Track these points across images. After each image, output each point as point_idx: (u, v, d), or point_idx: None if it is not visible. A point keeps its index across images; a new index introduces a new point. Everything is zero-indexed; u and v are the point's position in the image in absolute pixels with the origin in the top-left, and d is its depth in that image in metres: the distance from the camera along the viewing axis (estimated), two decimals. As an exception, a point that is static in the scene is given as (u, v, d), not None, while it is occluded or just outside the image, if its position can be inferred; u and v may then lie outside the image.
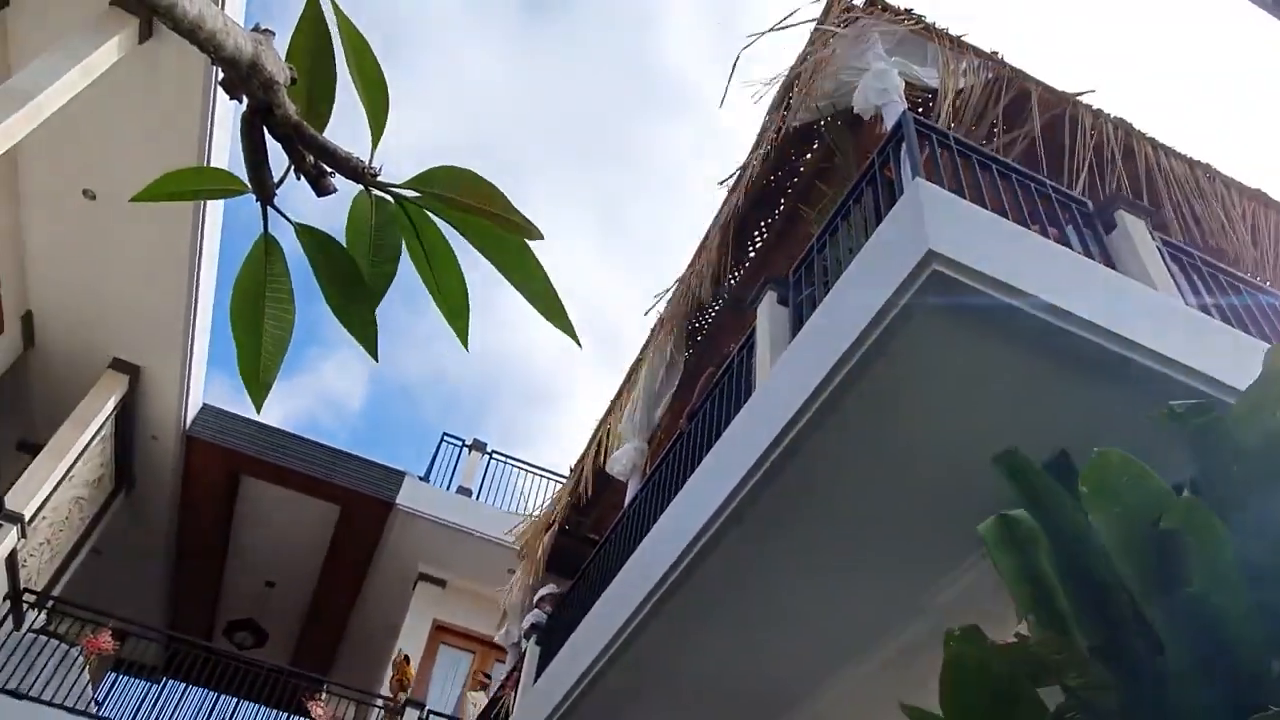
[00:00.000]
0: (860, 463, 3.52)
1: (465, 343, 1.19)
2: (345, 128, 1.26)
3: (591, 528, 10.06)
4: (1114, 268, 3.70)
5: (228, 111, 8.04)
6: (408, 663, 10.94)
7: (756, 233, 6.92)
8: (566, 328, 1.11)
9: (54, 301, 9.80)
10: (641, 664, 4.81)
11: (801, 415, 3.36)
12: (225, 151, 8.23)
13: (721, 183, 6.59)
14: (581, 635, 5.57)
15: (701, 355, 8.00)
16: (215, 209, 9.13)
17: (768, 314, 4.62)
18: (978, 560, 3.76)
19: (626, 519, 6.30)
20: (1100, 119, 5.37)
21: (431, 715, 10.37)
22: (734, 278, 7.40)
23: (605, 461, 7.82)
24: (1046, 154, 5.00)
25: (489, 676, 10.81)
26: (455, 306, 1.18)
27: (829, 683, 4.69)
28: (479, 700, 10.23)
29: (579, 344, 1.13)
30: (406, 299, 1.32)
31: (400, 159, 1.26)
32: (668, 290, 7.45)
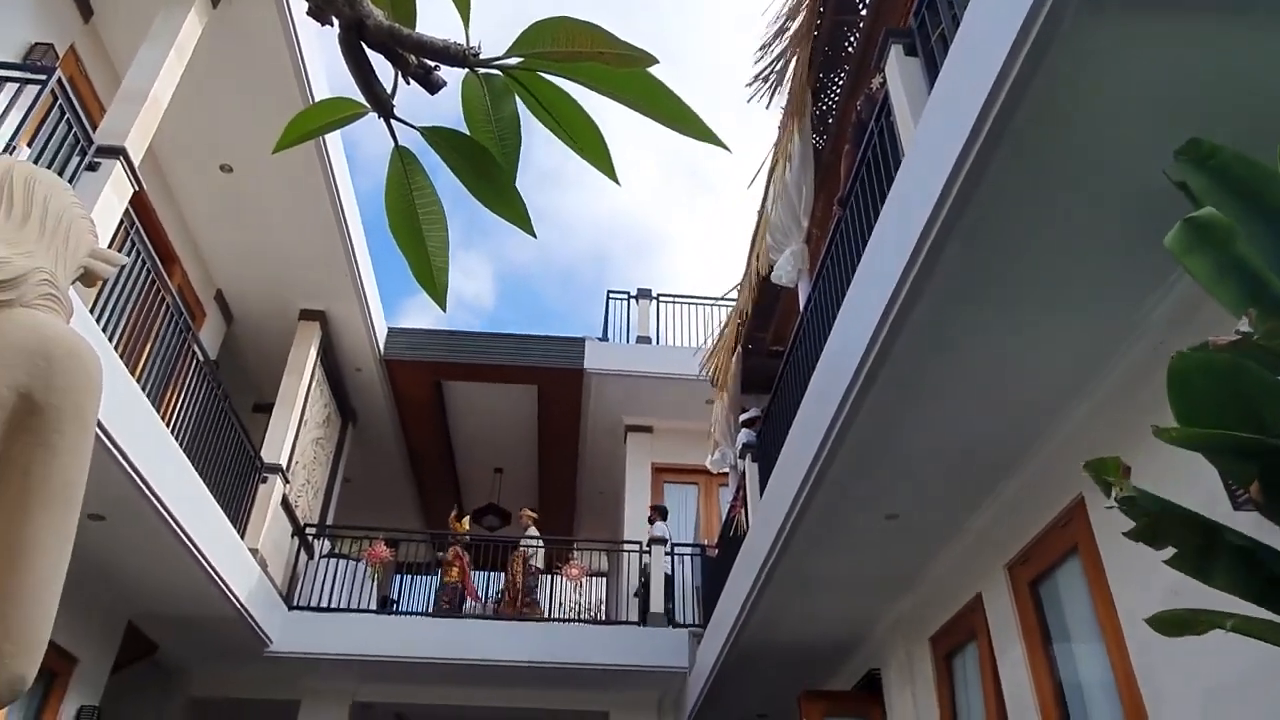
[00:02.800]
0: (1038, 194, 3.29)
1: (615, 178, 1.20)
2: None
3: (773, 340, 10.14)
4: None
5: (315, 47, 8.15)
6: (458, 519, 12.39)
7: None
8: (712, 138, 1.09)
9: (235, 275, 10.64)
10: (857, 454, 4.88)
11: (963, 163, 3.16)
12: (324, 86, 8.39)
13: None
14: (793, 443, 5.73)
15: (836, 138, 7.63)
16: (335, 145, 9.44)
17: (897, 69, 4.31)
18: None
19: (806, 322, 6.29)
20: None
21: (675, 547, 11.14)
22: (850, 44, 6.92)
23: (770, 273, 7.77)
24: None
25: (536, 511, 12.54)
26: (594, 148, 1.19)
27: (1053, 427, 4.60)
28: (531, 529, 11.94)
29: (728, 149, 1.11)
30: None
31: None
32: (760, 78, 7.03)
